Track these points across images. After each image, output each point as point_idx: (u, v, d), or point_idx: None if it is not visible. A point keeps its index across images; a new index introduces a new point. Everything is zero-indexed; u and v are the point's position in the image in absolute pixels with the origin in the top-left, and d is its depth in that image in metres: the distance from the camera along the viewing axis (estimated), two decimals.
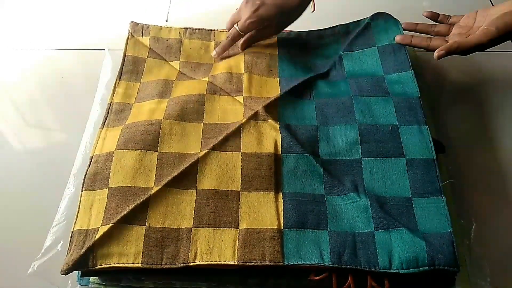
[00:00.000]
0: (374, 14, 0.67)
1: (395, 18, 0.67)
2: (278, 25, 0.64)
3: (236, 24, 0.63)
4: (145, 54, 0.66)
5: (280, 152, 0.53)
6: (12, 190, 0.59)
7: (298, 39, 0.68)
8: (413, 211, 0.49)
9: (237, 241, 0.47)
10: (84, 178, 0.51)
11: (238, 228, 0.48)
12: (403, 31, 0.65)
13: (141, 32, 0.69)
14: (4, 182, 0.59)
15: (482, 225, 0.54)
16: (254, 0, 0.61)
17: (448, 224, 0.47)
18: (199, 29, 0.70)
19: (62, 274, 0.45)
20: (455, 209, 0.53)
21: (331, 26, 0.68)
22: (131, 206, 0.48)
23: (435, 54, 0.57)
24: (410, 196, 0.50)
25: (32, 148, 0.64)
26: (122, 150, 0.52)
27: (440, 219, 0.48)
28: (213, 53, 0.66)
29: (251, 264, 0.45)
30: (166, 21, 0.81)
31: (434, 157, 0.52)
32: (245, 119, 0.56)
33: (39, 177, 0.60)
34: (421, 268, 0.44)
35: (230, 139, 0.54)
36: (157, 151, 0.53)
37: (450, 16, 0.64)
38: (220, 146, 0.53)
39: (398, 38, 0.64)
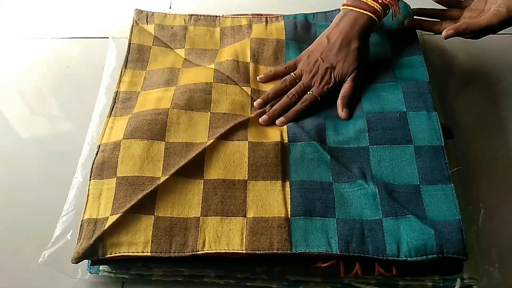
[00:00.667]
0: None
1: (405, 2, 0.65)
2: (361, 70, 0.58)
3: (298, 82, 0.58)
4: (150, 42, 0.66)
5: (287, 141, 0.53)
6: (20, 181, 0.59)
7: (305, 22, 0.67)
8: (422, 198, 0.48)
9: (244, 229, 0.47)
10: (92, 167, 0.51)
11: (245, 217, 0.48)
12: (414, 16, 0.64)
13: (145, 19, 0.68)
14: (12, 173, 0.60)
15: (491, 211, 0.54)
16: (323, 65, 0.57)
17: (457, 211, 0.47)
18: (204, 15, 0.69)
19: (72, 263, 0.45)
20: (463, 195, 0.53)
21: (338, 8, 0.67)
22: (140, 196, 0.48)
23: (443, 33, 0.56)
24: (419, 183, 0.49)
25: (38, 138, 0.64)
26: (129, 139, 0.52)
27: (448, 206, 0.47)
28: (260, 76, 0.61)
29: (259, 252, 0.46)
30: (170, 7, 0.80)
31: (443, 144, 0.52)
32: (253, 115, 0.56)
33: (46, 167, 0.60)
34: (430, 256, 0.44)
35: (237, 128, 0.54)
36: (164, 140, 0.53)
37: (461, 0, 0.63)
38: (227, 136, 0.53)
39: (408, 21, 0.63)
